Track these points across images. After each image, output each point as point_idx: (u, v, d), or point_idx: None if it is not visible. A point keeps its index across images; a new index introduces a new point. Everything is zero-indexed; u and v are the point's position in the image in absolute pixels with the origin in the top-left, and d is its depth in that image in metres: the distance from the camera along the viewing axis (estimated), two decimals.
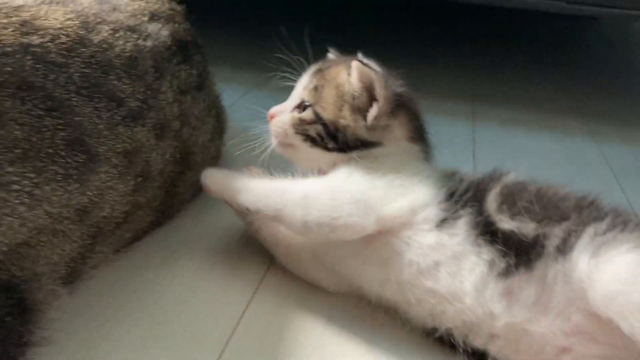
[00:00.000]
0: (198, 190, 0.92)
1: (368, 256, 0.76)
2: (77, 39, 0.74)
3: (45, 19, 0.73)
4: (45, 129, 0.67)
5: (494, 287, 0.68)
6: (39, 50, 0.69)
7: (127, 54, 0.81)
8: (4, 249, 0.62)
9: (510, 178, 0.77)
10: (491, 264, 0.68)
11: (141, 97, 0.81)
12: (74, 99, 0.71)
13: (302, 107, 0.85)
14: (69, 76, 0.71)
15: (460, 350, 0.71)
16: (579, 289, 0.64)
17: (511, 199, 0.73)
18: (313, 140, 0.84)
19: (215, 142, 1.04)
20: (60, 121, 0.69)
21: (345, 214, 0.72)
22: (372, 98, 0.81)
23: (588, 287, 0.62)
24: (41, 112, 0.67)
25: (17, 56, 0.67)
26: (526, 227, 0.69)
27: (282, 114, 0.86)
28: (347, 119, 0.82)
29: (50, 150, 0.68)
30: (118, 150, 0.76)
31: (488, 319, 0.68)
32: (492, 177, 0.77)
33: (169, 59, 0.90)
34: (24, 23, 0.70)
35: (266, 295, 0.82)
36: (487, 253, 0.69)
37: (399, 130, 0.83)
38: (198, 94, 0.97)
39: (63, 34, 0.73)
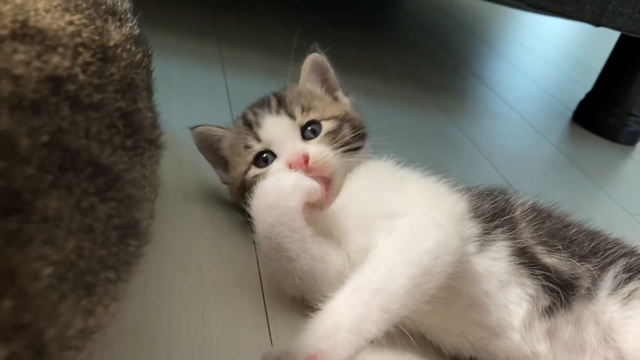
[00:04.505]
0: None
1: None
2: (99, 50, 0.40)
3: (43, 18, 0.37)
4: (97, 224, 0.37)
5: (539, 325, 0.61)
6: (72, 87, 0.36)
7: (138, 58, 0.48)
8: None
9: (525, 200, 0.68)
10: (535, 300, 0.60)
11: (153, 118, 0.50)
12: (124, 158, 0.40)
13: (311, 127, 0.71)
14: (110, 122, 0.39)
15: None
16: (610, 331, 0.60)
17: (543, 230, 0.65)
18: (350, 148, 0.70)
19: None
20: (113, 203, 0.39)
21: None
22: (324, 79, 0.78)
23: (620, 335, 0.59)
24: (93, 199, 0.37)
25: (51, 105, 0.34)
26: (564, 265, 0.62)
27: (307, 147, 0.68)
28: (340, 106, 0.76)
29: (102, 252, 0.38)
30: (150, 211, 0.47)
31: (533, 358, 0.61)
32: (504, 196, 0.68)
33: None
34: (24, 27, 0.35)
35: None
36: (531, 287, 0.61)
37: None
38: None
39: (81, 46, 0.39)
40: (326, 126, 0.71)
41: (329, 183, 0.67)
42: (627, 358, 0.58)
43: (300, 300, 0.66)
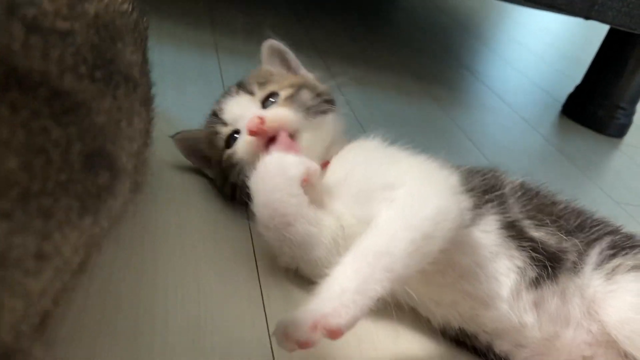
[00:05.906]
0: None
1: None
2: None
3: None
4: (53, 147, 0.37)
5: (526, 296, 0.60)
6: (31, 10, 0.36)
7: (124, 8, 0.47)
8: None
9: (515, 178, 0.68)
10: (523, 271, 0.60)
11: (141, 67, 0.50)
12: (90, 87, 0.40)
13: (272, 99, 0.72)
14: (77, 51, 0.39)
15: (481, 353, 0.63)
16: (593, 304, 0.60)
17: (531, 205, 0.65)
18: (313, 110, 0.70)
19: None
20: (73, 128, 0.38)
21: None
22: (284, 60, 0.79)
23: (603, 308, 0.59)
24: (46, 121, 0.36)
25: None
26: (551, 238, 0.62)
27: (263, 111, 0.69)
28: (299, 77, 0.77)
29: (62, 177, 0.38)
30: (133, 152, 0.47)
31: (520, 328, 0.60)
32: (494, 173, 0.68)
33: None
34: None
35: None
36: (519, 259, 0.61)
37: None
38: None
39: None
40: (284, 93, 0.71)
41: (294, 140, 0.68)
42: (609, 330, 0.58)
43: (293, 273, 0.66)
